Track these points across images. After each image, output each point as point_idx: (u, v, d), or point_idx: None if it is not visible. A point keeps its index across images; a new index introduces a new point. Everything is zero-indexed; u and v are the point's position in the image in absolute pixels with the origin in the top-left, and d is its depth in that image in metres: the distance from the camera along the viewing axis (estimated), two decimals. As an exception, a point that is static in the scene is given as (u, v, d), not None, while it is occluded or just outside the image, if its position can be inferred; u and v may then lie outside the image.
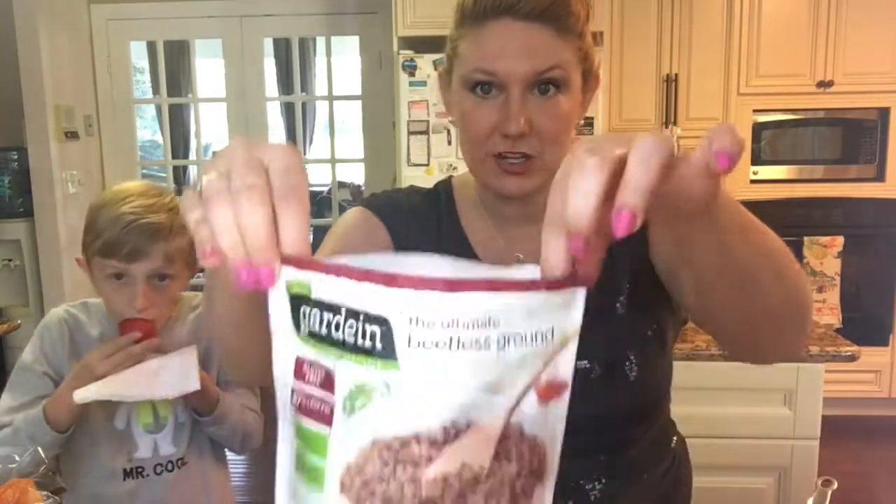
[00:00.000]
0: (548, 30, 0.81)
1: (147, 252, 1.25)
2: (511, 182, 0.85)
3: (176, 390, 1.24)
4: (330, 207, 4.52)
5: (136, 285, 1.26)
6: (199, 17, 4.08)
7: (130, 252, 1.24)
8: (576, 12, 0.82)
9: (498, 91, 0.83)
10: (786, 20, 3.28)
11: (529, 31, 0.81)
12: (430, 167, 3.26)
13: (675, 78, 3.32)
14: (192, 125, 4.86)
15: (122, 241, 1.23)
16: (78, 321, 1.35)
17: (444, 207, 0.96)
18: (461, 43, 0.86)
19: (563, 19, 0.81)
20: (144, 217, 1.25)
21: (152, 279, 1.27)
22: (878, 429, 3.39)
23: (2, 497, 1.05)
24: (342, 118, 4.59)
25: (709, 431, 1.68)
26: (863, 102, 3.32)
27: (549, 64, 0.81)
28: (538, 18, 0.80)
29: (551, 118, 0.83)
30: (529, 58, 0.81)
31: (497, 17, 0.81)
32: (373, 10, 3.95)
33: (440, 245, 0.94)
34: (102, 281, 1.27)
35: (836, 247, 3.34)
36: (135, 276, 1.26)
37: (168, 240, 1.27)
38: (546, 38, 0.81)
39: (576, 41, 0.83)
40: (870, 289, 3.42)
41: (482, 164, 0.86)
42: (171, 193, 1.33)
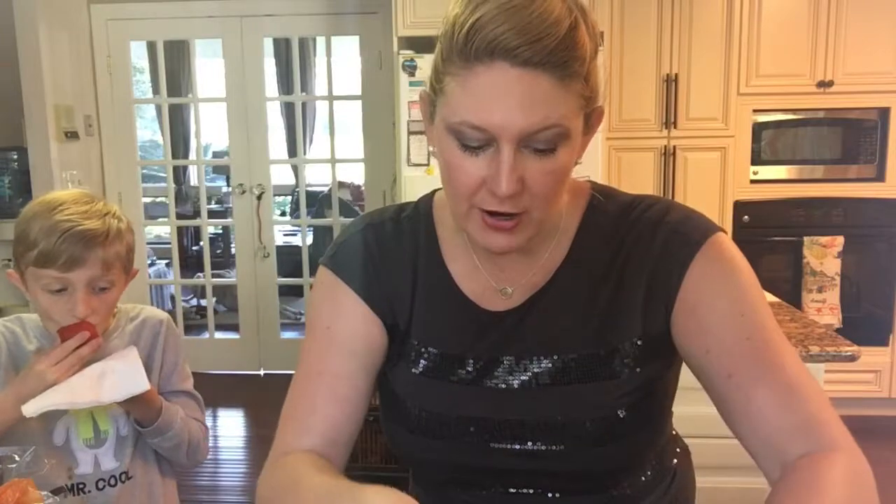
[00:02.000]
0: (549, 78, 0.68)
1: (85, 259, 1.22)
2: (498, 239, 0.77)
3: (125, 392, 1.23)
4: (330, 207, 4.52)
5: (76, 293, 1.24)
6: (199, 17, 4.08)
7: (68, 261, 1.21)
8: (582, 54, 0.70)
9: (488, 145, 0.72)
10: (786, 20, 3.28)
11: (528, 80, 0.68)
12: (430, 167, 3.26)
13: (675, 78, 3.32)
14: (192, 125, 4.86)
15: (60, 251, 1.20)
16: (15, 335, 1.32)
17: (423, 235, 0.89)
18: (448, 80, 0.72)
19: (567, 65, 0.69)
20: (80, 224, 1.23)
21: (91, 286, 1.25)
22: (878, 429, 3.39)
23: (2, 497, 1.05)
24: (342, 118, 4.59)
25: (709, 431, 1.67)
26: (863, 102, 3.32)
27: (549, 122, 0.70)
28: (538, 66, 0.68)
29: (546, 175, 0.73)
30: (526, 114, 0.69)
31: (491, 61, 0.68)
32: (373, 10, 3.95)
33: (419, 280, 0.88)
34: (39, 292, 1.24)
35: (836, 247, 3.34)
36: (74, 285, 1.23)
37: (105, 246, 1.25)
38: (546, 88, 0.68)
39: (580, 87, 0.71)
40: (870, 289, 3.41)
41: (467, 217, 0.77)
42: (102, 200, 1.31)
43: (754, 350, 0.76)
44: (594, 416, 0.82)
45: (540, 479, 0.86)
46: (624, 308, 0.83)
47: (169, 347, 1.44)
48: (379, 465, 2.32)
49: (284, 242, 5.45)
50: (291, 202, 6.39)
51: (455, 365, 0.86)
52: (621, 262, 0.83)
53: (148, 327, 1.41)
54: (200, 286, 4.79)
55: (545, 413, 0.83)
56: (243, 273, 4.33)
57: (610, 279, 0.83)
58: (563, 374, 0.83)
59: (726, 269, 0.80)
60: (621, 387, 0.82)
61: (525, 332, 0.85)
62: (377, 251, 0.89)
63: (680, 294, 0.80)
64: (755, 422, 0.74)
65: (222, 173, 6.20)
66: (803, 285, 3.36)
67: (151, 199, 5.69)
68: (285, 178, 5.85)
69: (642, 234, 0.83)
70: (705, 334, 0.79)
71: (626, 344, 0.83)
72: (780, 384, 0.74)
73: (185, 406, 1.43)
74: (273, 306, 4.35)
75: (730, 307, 0.78)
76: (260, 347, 4.36)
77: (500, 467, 0.85)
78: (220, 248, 5.83)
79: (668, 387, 0.89)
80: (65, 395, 1.19)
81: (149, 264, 4.47)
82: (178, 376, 1.46)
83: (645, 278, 0.82)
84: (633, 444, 0.84)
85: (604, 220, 0.86)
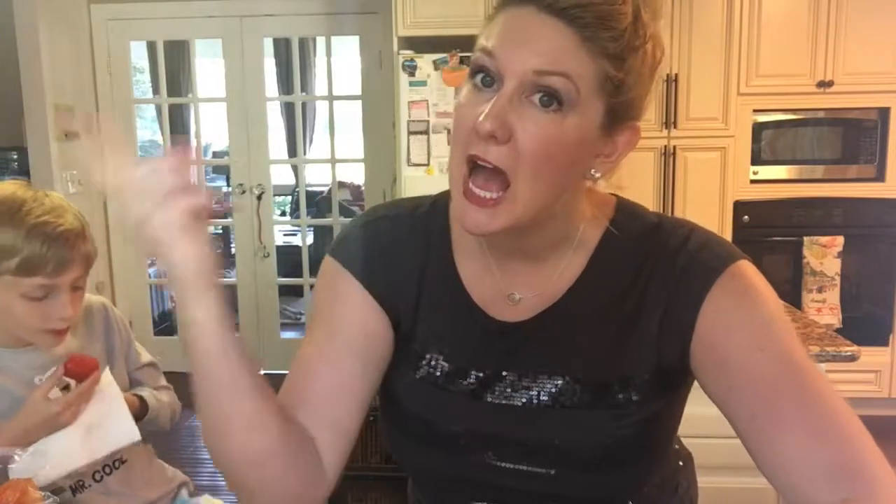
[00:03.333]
0: (571, 32, 0.67)
1: (72, 260, 1.20)
2: (478, 216, 0.72)
3: (117, 444, 1.23)
4: (330, 207, 4.52)
5: (60, 296, 1.21)
6: (199, 17, 4.07)
7: (58, 264, 1.18)
8: (617, 29, 0.68)
9: (496, 83, 0.70)
10: (786, 20, 3.28)
11: (549, 25, 0.67)
12: (430, 167, 3.26)
13: (675, 78, 3.32)
14: (192, 125, 4.86)
15: (47, 256, 1.17)
16: None
17: (436, 232, 0.86)
18: (480, 35, 0.73)
19: (594, 28, 0.67)
20: (59, 224, 1.19)
21: (72, 286, 1.23)
22: (878, 429, 3.35)
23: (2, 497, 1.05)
24: (342, 118, 4.59)
25: (709, 431, 1.67)
26: (863, 102, 3.32)
27: (556, 68, 0.67)
28: (563, 16, 0.67)
29: (538, 134, 0.68)
30: (536, 52, 0.67)
31: (522, 4, 0.69)
32: (373, 10, 3.95)
33: (426, 280, 0.84)
34: (14, 301, 1.19)
35: (836, 247, 3.34)
36: (59, 289, 1.20)
37: (84, 242, 1.23)
38: (565, 38, 0.67)
39: (606, 61, 0.68)
40: (870, 289, 3.41)
41: (455, 181, 0.74)
42: (41, 190, 1.25)
43: (777, 388, 0.70)
44: (593, 443, 0.79)
45: (535, 499, 0.83)
46: (637, 338, 0.78)
47: (119, 329, 1.44)
48: (379, 465, 2.32)
49: (284, 242, 5.45)
50: (291, 202, 6.39)
51: (457, 375, 0.83)
52: (639, 289, 0.78)
53: (95, 314, 1.41)
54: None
55: (543, 435, 0.80)
56: (243, 273, 4.33)
57: (625, 306, 0.79)
58: (566, 398, 0.80)
59: (745, 300, 0.74)
60: (624, 417, 0.79)
61: (531, 349, 0.81)
62: (386, 244, 0.85)
63: (697, 328, 0.75)
64: (782, 467, 0.69)
65: (222, 173, 6.20)
66: (803, 285, 3.36)
67: (151, 199, 5.68)
68: (285, 178, 5.85)
69: (661, 262, 0.78)
70: (725, 372, 0.73)
71: (635, 376, 0.78)
72: (808, 425, 0.68)
73: (151, 377, 1.48)
74: (273, 306, 4.35)
75: (749, 341, 0.73)
76: (260, 347, 4.36)
77: (493, 483, 0.83)
78: (220, 248, 5.83)
79: (674, 415, 0.86)
80: (61, 460, 1.18)
81: (149, 264, 4.47)
82: (134, 353, 1.48)
83: (661, 309, 0.77)
84: (631, 472, 0.82)
85: (625, 241, 0.80)
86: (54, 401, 1.20)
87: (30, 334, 1.25)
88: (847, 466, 0.66)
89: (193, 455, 3.31)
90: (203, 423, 0.76)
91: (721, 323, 0.74)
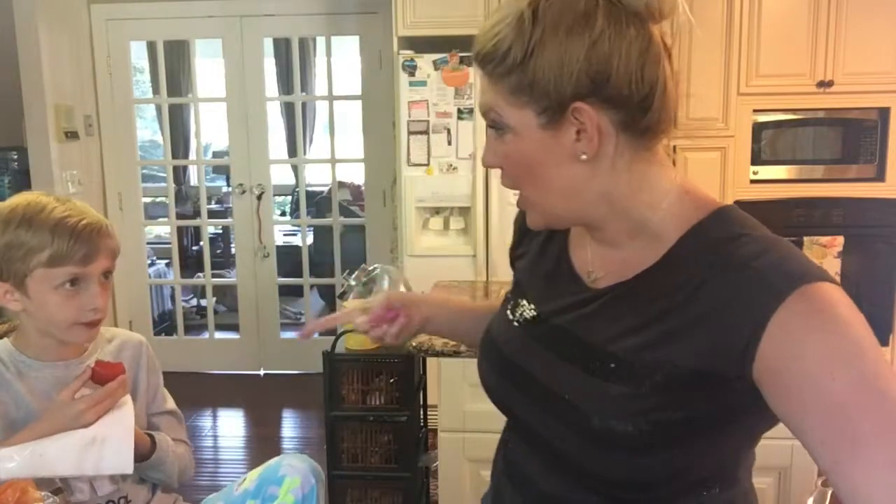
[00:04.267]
0: (484, 73, 0.85)
1: (99, 250, 1.26)
2: (522, 214, 0.94)
3: (109, 469, 1.23)
4: (330, 207, 4.52)
5: (91, 287, 1.25)
6: (199, 17, 4.08)
7: (86, 254, 1.24)
8: (501, 54, 0.81)
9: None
10: (786, 20, 3.28)
11: (479, 74, 0.87)
12: (430, 167, 3.26)
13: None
14: (192, 125, 4.86)
15: (76, 246, 1.23)
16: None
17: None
18: None
19: (487, 65, 0.84)
20: (83, 218, 1.25)
21: (101, 278, 1.28)
22: (878, 429, 3.38)
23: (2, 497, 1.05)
24: (342, 118, 4.59)
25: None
26: (863, 102, 3.32)
27: (484, 107, 0.86)
28: (476, 62, 0.85)
29: (499, 156, 0.87)
30: (480, 99, 0.88)
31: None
32: (373, 10, 3.95)
33: (539, 238, 1.02)
34: (48, 294, 1.24)
35: (836, 247, 3.34)
36: (89, 278, 1.25)
37: (108, 237, 1.28)
38: (484, 82, 0.86)
39: (509, 83, 0.82)
40: (870, 289, 3.41)
41: None
42: (61, 196, 1.32)
43: (850, 417, 0.66)
44: (601, 414, 0.81)
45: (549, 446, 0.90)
46: (682, 335, 0.78)
47: (151, 370, 1.46)
48: (379, 465, 2.32)
49: (284, 242, 5.45)
50: (291, 202, 6.39)
51: (524, 307, 0.98)
52: (705, 291, 0.78)
53: (128, 349, 1.42)
54: (200, 286, 4.79)
55: (560, 388, 0.86)
56: (243, 273, 4.33)
57: (687, 302, 0.79)
58: (595, 366, 0.84)
59: (815, 323, 0.70)
60: (636, 402, 0.79)
61: (589, 316, 0.88)
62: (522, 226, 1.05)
63: (760, 351, 0.72)
64: (857, 497, 0.66)
65: (222, 173, 6.20)
66: (803, 285, 3.36)
67: (151, 199, 5.68)
68: (285, 178, 5.84)
69: (732, 271, 0.77)
70: (788, 400, 0.70)
71: (664, 368, 0.78)
72: (889, 456, 0.64)
73: (170, 427, 1.47)
74: (273, 306, 4.35)
75: (818, 369, 0.68)
76: (260, 347, 4.36)
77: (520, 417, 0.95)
78: (220, 248, 5.82)
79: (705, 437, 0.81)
80: (52, 461, 1.18)
81: (149, 264, 4.48)
82: (161, 397, 1.48)
83: (721, 318, 0.75)
84: (634, 464, 0.81)
85: (704, 242, 0.81)
86: (80, 399, 1.22)
87: (63, 330, 1.27)
88: None
89: (194, 455, 3.31)
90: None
91: (787, 348, 0.70)
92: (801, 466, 1.74)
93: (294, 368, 4.30)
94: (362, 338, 2.32)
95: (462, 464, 1.91)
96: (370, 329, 1.14)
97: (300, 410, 3.90)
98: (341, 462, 2.33)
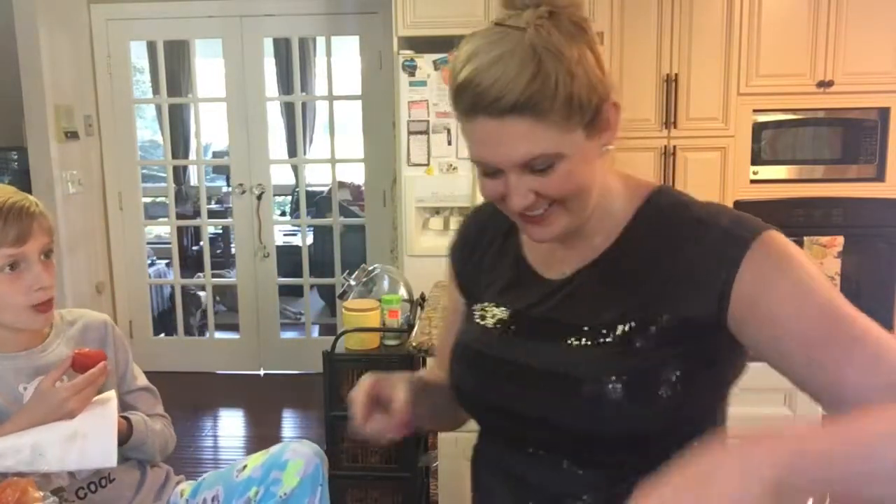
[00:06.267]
0: (524, 120, 0.80)
1: (32, 230, 1.26)
2: (536, 231, 0.89)
3: (91, 464, 1.23)
4: (330, 207, 4.52)
5: (32, 266, 1.25)
6: (199, 17, 4.08)
7: (20, 234, 1.24)
8: (549, 91, 0.79)
9: (499, 171, 0.85)
10: (786, 20, 3.28)
11: (507, 126, 0.80)
12: (430, 167, 3.26)
13: (675, 78, 3.32)
14: (192, 125, 4.86)
15: (6, 227, 1.23)
16: None
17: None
18: (460, 123, 0.88)
19: (536, 106, 0.79)
20: (8, 199, 1.26)
21: (41, 256, 1.27)
22: (878, 429, 3.38)
23: (2, 497, 1.05)
24: (342, 118, 4.59)
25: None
26: (863, 102, 3.32)
27: (533, 155, 0.82)
28: (511, 112, 0.80)
29: (554, 186, 0.84)
30: (512, 152, 0.82)
31: (475, 116, 0.82)
32: (373, 10, 3.95)
33: (492, 250, 1.04)
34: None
35: (836, 247, 3.33)
36: (28, 258, 1.25)
37: (41, 217, 1.28)
38: (524, 128, 0.80)
39: (560, 113, 0.80)
40: (870, 289, 3.41)
41: (510, 215, 0.91)
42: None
43: (828, 333, 0.80)
44: (593, 378, 0.86)
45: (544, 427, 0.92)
46: (662, 293, 0.87)
47: (118, 348, 1.44)
48: (379, 465, 2.32)
49: (284, 242, 5.44)
50: (291, 202, 6.39)
51: (494, 309, 0.99)
52: (667, 253, 0.88)
53: (92, 330, 1.41)
54: (200, 286, 4.79)
55: (557, 369, 0.90)
56: (243, 273, 4.33)
57: (653, 268, 0.88)
58: (586, 339, 0.89)
59: (782, 261, 0.83)
60: (624, 362, 0.86)
61: (566, 301, 0.93)
62: (473, 229, 1.08)
63: (735, 290, 0.83)
64: (846, 401, 0.78)
65: (222, 173, 6.20)
66: (803, 285, 3.36)
67: (151, 199, 5.68)
68: (285, 178, 5.84)
69: (691, 231, 0.88)
70: (771, 324, 0.82)
71: (653, 324, 0.86)
72: (862, 361, 0.78)
73: (146, 403, 1.46)
74: (273, 306, 4.35)
75: (792, 292, 0.81)
76: (260, 347, 4.36)
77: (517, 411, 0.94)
78: (220, 248, 5.82)
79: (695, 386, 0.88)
80: (31, 455, 1.18)
81: (149, 264, 4.47)
82: (131, 374, 1.47)
83: (690, 270, 0.86)
84: (625, 424, 0.86)
85: (656, 214, 0.92)
86: (62, 387, 1.21)
87: (15, 316, 1.27)
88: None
89: (194, 455, 3.32)
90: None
91: (760, 282, 0.82)
92: (801, 466, 1.74)
93: (294, 368, 4.30)
94: (362, 337, 2.33)
95: (462, 464, 1.91)
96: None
97: (300, 410, 3.90)
98: (341, 462, 2.32)
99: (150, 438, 1.39)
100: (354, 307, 2.35)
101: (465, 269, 1.07)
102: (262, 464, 1.40)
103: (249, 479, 1.38)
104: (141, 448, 1.38)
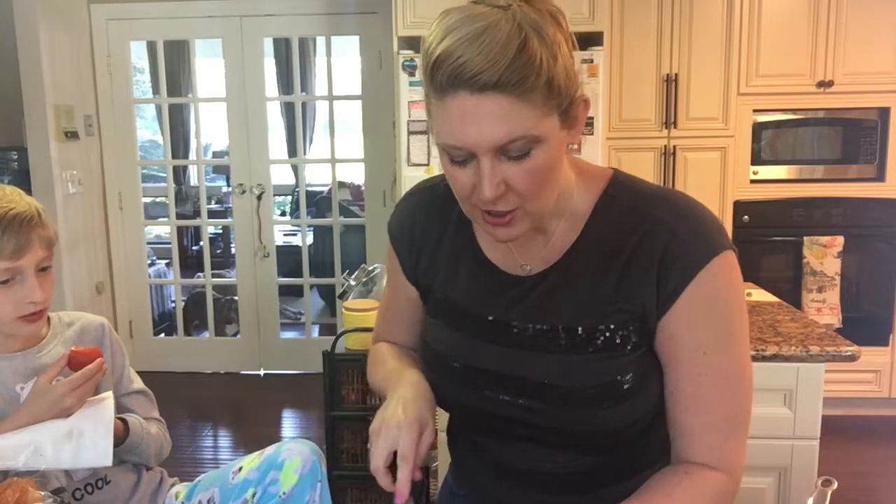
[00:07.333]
0: (506, 97, 0.76)
1: (31, 242, 1.22)
2: (499, 232, 0.87)
3: (87, 462, 1.22)
4: (330, 207, 4.52)
5: (27, 280, 1.23)
6: (199, 17, 4.08)
7: (17, 248, 1.20)
8: (535, 67, 0.76)
9: (471, 158, 0.81)
10: (786, 20, 3.28)
11: (488, 103, 0.76)
12: (430, 167, 3.26)
13: (675, 78, 3.32)
14: (192, 125, 4.86)
15: (3, 240, 1.20)
16: None
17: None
18: (430, 104, 0.83)
19: (521, 82, 0.76)
20: (10, 209, 1.22)
21: (37, 269, 1.25)
22: (878, 429, 3.39)
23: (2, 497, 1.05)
24: (342, 118, 4.59)
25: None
26: (863, 102, 3.32)
27: (514, 135, 0.78)
28: (494, 89, 0.76)
29: (527, 177, 0.81)
30: (492, 132, 0.78)
31: (455, 91, 0.77)
32: (373, 10, 3.95)
33: (443, 247, 1.01)
34: None
35: (836, 247, 3.34)
36: (24, 272, 1.22)
37: (41, 227, 1.25)
38: (505, 106, 0.76)
39: (541, 95, 0.78)
40: (870, 289, 3.41)
41: (471, 214, 0.89)
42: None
43: (698, 387, 0.88)
44: (569, 380, 0.90)
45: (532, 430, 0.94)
46: (624, 293, 0.89)
47: (115, 350, 1.44)
48: (379, 465, 2.32)
49: (284, 242, 5.45)
50: (291, 202, 6.39)
51: (465, 317, 0.98)
52: (628, 251, 0.89)
53: (89, 333, 1.40)
54: (200, 286, 4.79)
55: (532, 374, 0.92)
56: (243, 273, 4.33)
57: (615, 265, 0.89)
58: (555, 343, 0.91)
59: (710, 304, 0.86)
60: (608, 360, 0.89)
61: (532, 301, 0.93)
62: (419, 214, 1.04)
63: (671, 312, 0.87)
64: (677, 430, 0.90)
65: (222, 173, 6.21)
66: (803, 285, 3.36)
67: (151, 199, 5.69)
68: (285, 178, 5.85)
69: (649, 233, 0.88)
70: (672, 355, 0.89)
71: (619, 325, 0.89)
72: (709, 421, 0.88)
73: (142, 407, 1.45)
74: (273, 306, 4.35)
75: (700, 343, 0.87)
76: (260, 347, 4.36)
77: (496, 414, 0.96)
78: (220, 248, 5.83)
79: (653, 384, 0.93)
80: (31, 453, 1.17)
81: (149, 264, 4.47)
82: (127, 377, 1.46)
83: (647, 275, 0.88)
84: (600, 417, 0.90)
85: (616, 209, 0.91)
86: (59, 383, 1.21)
87: (5, 324, 1.26)
88: (719, 453, 0.88)
89: (193, 455, 3.31)
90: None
91: (685, 321, 0.87)
92: (800, 466, 1.74)
93: (294, 368, 4.30)
94: (362, 337, 2.33)
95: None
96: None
97: (300, 410, 3.90)
98: (341, 462, 2.33)
99: (146, 441, 1.39)
100: (354, 307, 2.35)
101: (412, 258, 1.04)
102: (258, 465, 1.39)
103: (246, 481, 1.37)
104: (136, 450, 1.37)
